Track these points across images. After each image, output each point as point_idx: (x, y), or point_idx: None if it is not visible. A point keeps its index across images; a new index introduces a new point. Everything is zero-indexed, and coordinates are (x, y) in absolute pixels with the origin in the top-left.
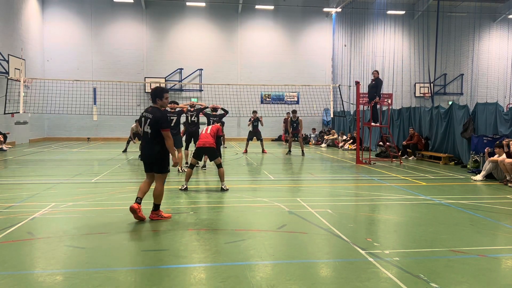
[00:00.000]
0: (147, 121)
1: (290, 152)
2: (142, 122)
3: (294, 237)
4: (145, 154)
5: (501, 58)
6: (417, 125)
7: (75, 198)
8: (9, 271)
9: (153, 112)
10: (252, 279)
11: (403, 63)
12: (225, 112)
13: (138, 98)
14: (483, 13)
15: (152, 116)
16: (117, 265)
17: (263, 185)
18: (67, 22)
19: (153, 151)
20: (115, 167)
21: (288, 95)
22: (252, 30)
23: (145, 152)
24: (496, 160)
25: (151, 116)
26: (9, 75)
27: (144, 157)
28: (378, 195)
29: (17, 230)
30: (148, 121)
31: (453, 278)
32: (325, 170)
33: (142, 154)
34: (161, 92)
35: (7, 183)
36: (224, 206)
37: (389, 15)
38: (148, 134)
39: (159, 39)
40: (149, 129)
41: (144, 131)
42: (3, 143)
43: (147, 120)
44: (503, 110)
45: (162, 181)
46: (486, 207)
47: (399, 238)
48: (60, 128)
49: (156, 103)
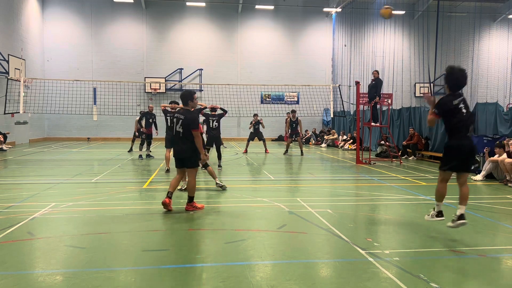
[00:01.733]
0: (179, 121)
1: (287, 152)
2: (174, 122)
3: (294, 237)
4: (177, 151)
5: (501, 58)
6: (417, 125)
7: (75, 198)
8: (9, 271)
9: (184, 113)
10: (252, 279)
11: (403, 63)
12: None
13: (138, 98)
14: (483, 13)
15: (184, 117)
16: (117, 265)
17: (263, 185)
18: (67, 22)
19: (184, 149)
20: (115, 167)
21: (288, 95)
22: (252, 30)
23: (177, 149)
24: (496, 160)
25: (183, 117)
26: (9, 75)
27: (176, 154)
28: (378, 195)
29: (17, 230)
30: (180, 122)
31: (453, 278)
32: (325, 170)
33: (174, 151)
34: (191, 94)
35: (7, 183)
36: (224, 206)
37: None
38: (180, 133)
39: (159, 39)
40: (181, 129)
41: (176, 131)
42: (3, 143)
43: (179, 121)
44: (503, 110)
45: (193, 176)
46: (486, 207)
47: (399, 238)
48: (60, 128)
49: (188, 105)
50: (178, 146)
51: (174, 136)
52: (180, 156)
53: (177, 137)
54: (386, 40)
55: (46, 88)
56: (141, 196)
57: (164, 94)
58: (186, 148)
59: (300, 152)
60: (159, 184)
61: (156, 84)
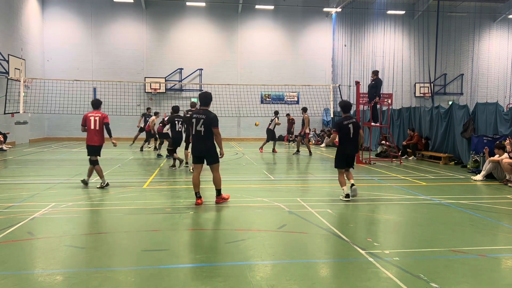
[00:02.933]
0: (199, 121)
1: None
2: (194, 122)
3: (294, 237)
4: (198, 149)
5: (501, 58)
6: (417, 125)
7: (75, 198)
8: (9, 271)
9: (205, 113)
10: (252, 279)
11: (403, 63)
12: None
13: (138, 98)
14: (483, 13)
15: (205, 116)
16: (117, 265)
17: (263, 185)
18: (67, 22)
19: (206, 146)
20: (115, 167)
21: (288, 95)
22: (252, 30)
23: (198, 147)
24: (496, 160)
25: (204, 117)
26: (9, 75)
27: (196, 152)
28: (378, 195)
29: (17, 230)
30: (202, 121)
31: (453, 278)
32: (325, 170)
33: (195, 149)
34: (211, 96)
35: (7, 183)
36: (224, 206)
37: (389, 15)
38: (201, 132)
39: (159, 39)
40: (202, 128)
41: (197, 130)
42: (3, 143)
43: (200, 120)
44: (503, 110)
45: (217, 170)
46: (486, 207)
47: (399, 238)
48: (60, 128)
49: (207, 106)
50: (199, 145)
51: (194, 136)
52: (201, 154)
53: (198, 136)
54: (386, 40)
55: (46, 88)
56: (141, 196)
57: (164, 94)
58: (207, 145)
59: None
60: (159, 184)
61: (156, 84)
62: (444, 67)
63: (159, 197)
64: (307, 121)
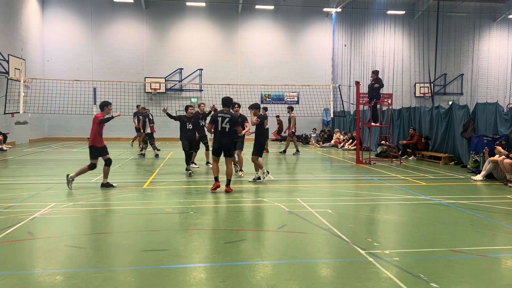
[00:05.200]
0: (224, 119)
1: (298, 151)
2: (219, 121)
3: (294, 237)
4: (221, 143)
5: (501, 58)
6: (417, 125)
7: (75, 198)
8: (9, 271)
9: (229, 113)
10: (252, 279)
11: (403, 63)
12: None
13: (138, 98)
14: (483, 13)
15: (230, 116)
16: (117, 265)
17: (263, 185)
18: (67, 22)
19: (228, 142)
20: (115, 167)
21: (288, 95)
22: (252, 30)
23: (221, 142)
24: (496, 160)
25: (229, 116)
26: (9, 75)
27: (219, 146)
28: (378, 195)
29: (17, 230)
30: (227, 120)
31: (453, 278)
32: (325, 170)
33: (218, 143)
34: (231, 99)
35: (7, 183)
36: (224, 206)
37: (389, 15)
38: (226, 129)
39: (159, 39)
40: (228, 125)
41: (222, 127)
42: (3, 143)
43: (225, 119)
44: (503, 110)
45: (230, 163)
46: (486, 207)
47: (399, 238)
48: (60, 128)
49: (229, 107)
50: (222, 140)
51: (218, 132)
52: (223, 148)
53: (222, 132)
54: (386, 40)
55: (46, 88)
56: (141, 196)
57: (164, 94)
58: (229, 141)
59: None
60: (159, 184)
61: (156, 84)
62: (444, 67)
63: (159, 197)
64: (293, 120)
